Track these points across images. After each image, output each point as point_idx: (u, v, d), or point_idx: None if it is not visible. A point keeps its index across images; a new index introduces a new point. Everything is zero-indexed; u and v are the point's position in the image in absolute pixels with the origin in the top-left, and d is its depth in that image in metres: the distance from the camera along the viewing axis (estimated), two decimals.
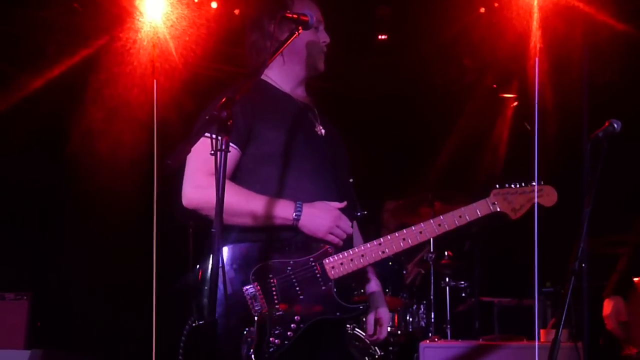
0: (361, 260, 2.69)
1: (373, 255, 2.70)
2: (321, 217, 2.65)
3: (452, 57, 5.98)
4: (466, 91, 6.04)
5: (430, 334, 5.01)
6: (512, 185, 2.84)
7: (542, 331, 4.43)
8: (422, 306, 5.13)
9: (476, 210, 2.79)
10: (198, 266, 2.63)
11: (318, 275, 2.65)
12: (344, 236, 2.70)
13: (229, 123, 2.19)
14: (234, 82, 2.92)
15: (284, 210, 2.62)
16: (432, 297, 5.06)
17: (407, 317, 5.09)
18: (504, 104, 5.87)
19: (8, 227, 5.70)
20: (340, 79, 6.01)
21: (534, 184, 2.83)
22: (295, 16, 2.62)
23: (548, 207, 2.84)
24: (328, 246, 2.68)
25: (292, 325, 2.59)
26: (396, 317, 5.03)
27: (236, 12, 5.41)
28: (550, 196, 2.83)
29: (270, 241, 2.65)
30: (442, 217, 2.76)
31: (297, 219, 2.63)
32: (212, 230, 2.22)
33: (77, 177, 5.48)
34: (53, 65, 5.20)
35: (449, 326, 5.11)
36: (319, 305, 2.63)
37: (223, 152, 2.19)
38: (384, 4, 5.89)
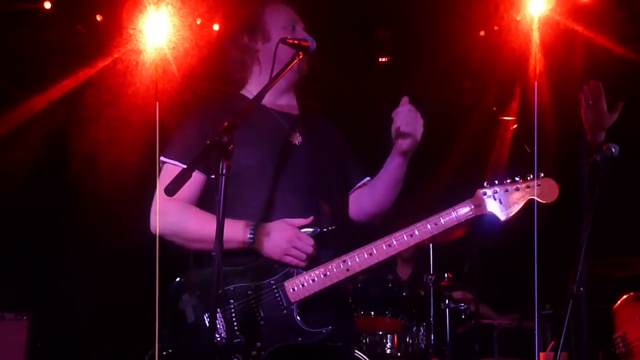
0: (324, 280, 2.50)
1: (337, 274, 2.50)
2: (276, 238, 2.51)
3: (452, 80, 6.02)
4: (466, 113, 6.07)
5: (429, 356, 5.00)
6: (505, 181, 2.55)
7: (541, 354, 4.42)
8: (421, 328, 5.12)
9: (453, 214, 2.53)
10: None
11: (279, 298, 2.51)
12: (303, 257, 2.53)
13: (229, 148, 2.19)
14: (227, 104, 2.89)
15: (239, 233, 2.51)
16: (432, 318, 5.05)
17: (407, 339, 5.07)
18: (504, 127, 5.91)
19: (9, 247, 5.70)
20: (341, 100, 6.04)
21: (530, 177, 2.54)
22: (296, 42, 2.61)
23: (547, 213, 2.56)
24: (291, 267, 2.52)
25: (252, 353, 2.46)
26: (395, 339, 5.02)
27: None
28: (549, 191, 2.53)
29: (232, 265, 2.53)
30: (414, 227, 2.54)
31: (252, 242, 2.51)
32: (213, 254, 2.21)
33: (79, 198, 5.50)
34: (56, 86, 5.23)
35: (448, 348, 5.10)
36: (280, 330, 2.48)
37: (223, 177, 2.19)
38: (385, 27, 5.93)
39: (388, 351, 4.97)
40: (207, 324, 2.46)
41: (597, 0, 4.96)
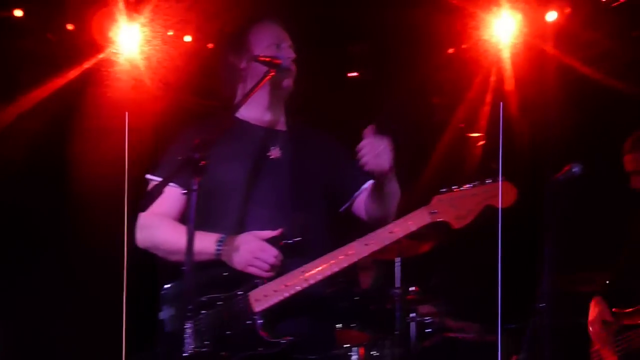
0: (285, 291, 2.56)
1: (296, 284, 2.56)
2: (240, 249, 2.58)
3: (422, 96, 6.09)
4: (436, 130, 6.13)
5: None
6: (463, 187, 2.48)
7: None
8: (387, 341, 5.15)
9: (409, 223, 2.54)
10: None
11: (244, 309, 2.58)
12: (266, 267, 2.59)
13: (201, 164, 2.24)
14: (203, 119, 2.94)
15: (208, 245, 2.60)
16: (397, 332, 5.08)
17: (373, 352, 5.11)
18: (471, 143, 5.98)
19: None
20: (312, 113, 6.08)
21: (488, 181, 2.47)
22: (267, 59, 2.67)
23: (507, 211, 2.49)
24: (257, 279, 2.60)
25: None
26: (362, 352, 5.05)
27: (209, 46, 5.47)
28: (506, 195, 2.44)
29: (209, 276, 2.61)
30: (370, 236, 2.57)
31: (219, 253, 2.60)
32: (183, 268, 2.26)
33: (49, 208, 5.47)
34: (26, 95, 5.19)
35: None
36: (244, 340, 2.55)
37: (194, 193, 2.24)
38: (356, 42, 5.99)
39: None
40: (180, 333, 2.50)
41: (564, 21, 5.07)
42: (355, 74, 6.09)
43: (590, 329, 3.91)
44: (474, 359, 5.66)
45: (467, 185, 2.51)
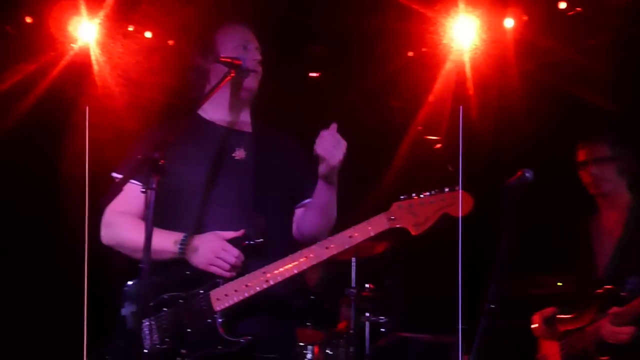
0: (245, 291, 2.62)
1: (257, 284, 2.61)
2: (202, 248, 2.63)
3: (382, 98, 6.14)
4: (395, 132, 6.20)
5: None
6: (421, 195, 2.56)
7: None
8: (342, 340, 5.20)
9: (368, 228, 2.61)
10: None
11: (205, 307, 2.62)
12: (227, 267, 2.64)
13: (160, 163, 2.26)
14: (168, 117, 2.97)
15: (170, 244, 2.64)
16: (351, 331, 5.14)
17: (328, 351, 5.15)
18: (429, 146, 6.06)
19: None
20: (276, 114, 6.09)
21: (446, 189, 2.56)
22: (228, 60, 2.71)
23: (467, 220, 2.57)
24: (219, 278, 2.65)
25: (177, 359, 2.57)
26: (316, 350, 5.09)
27: (170, 42, 5.46)
28: (463, 204, 2.54)
29: (172, 274, 2.66)
30: (331, 239, 2.65)
31: (182, 252, 2.64)
32: (140, 265, 2.28)
33: (7, 203, 5.40)
34: None
35: None
36: (203, 338, 2.60)
37: (153, 191, 2.26)
38: (318, 43, 6.03)
39: None
40: (141, 331, 2.58)
41: (522, 28, 5.16)
42: (316, 74, 6.12)
43: (536, 334, 4.00)
44: (427, 358, 5.75)
45: (426, 193, 2.60)
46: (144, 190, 2.32)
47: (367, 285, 5.37)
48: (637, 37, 4.91)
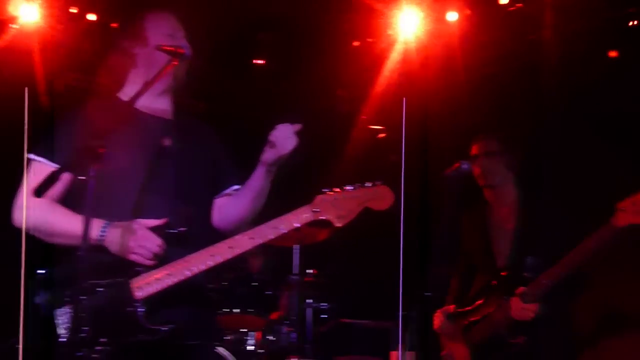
0: (167, 279, 2.61)
1: (179, 273, 2.61)
2: (123, 236, 2.60)
3: (327, 87, 6.18)
4: (340, 121, 6.24)
5: (291, 354, 5.13)
6: (344, 188, 2.64)
7: (392, 353, 4.65)
8: (284, 327, 5.25)
9: (292, 219, 2.66)
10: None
11: (125, 296, 2.61)
12: (149, 255, 2.63)
13: (99, 151, 2.25)
14: (100, 102, 2.92)
15: (92, 231, 2.58)
16: (294, 317, 5.18)
17: (270, 337, 5.19)
18: (372, 135, 6.13)
19: None
20: (219, 102, 6.08)
21: (368, 184, 2.64)
22: (171, 49, 2.70)
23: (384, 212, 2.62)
24: (140, 266, 2.63)
25: (96, 348, 2.54)
26: (258, 336, 5.12)
27: (113, 25, 5.39)
28: (383, 199, 2.62)
29: (92, 262, 2.58)
30: (255, 230, 2.67)
31: (102, 239, 2.62)
32: (79, 253, 2.26)
33: None
34: None
35: (309, 346, 5.25)
36: (124, 326, 2.58)
37: (93, 180, 2.25)
38: (265, 30, 6.02)
39: (250, 348, 5.06)
40: (57, 319, 2.57)
41: (464, 22, 5.25)
42: (261, 61, 6.12)
43: (439, 331, 4.10)
44: (368, 344, 5.84)
45: (349, 187, 2.67)
46: (83, 178, 2.30)
47: (310, 272, 5.41)
48: (574, 34, 5.04)
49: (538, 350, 3.64)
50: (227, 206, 2.93)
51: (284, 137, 2.70)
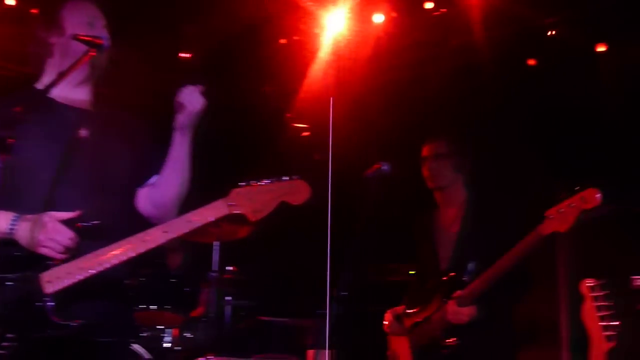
0: (78, 274, 2.53)
1: (90, 267, 2.53)
2: (33, 229, 2.52)
3: (254, 83, 6.16)
4: (266, 118, 6.23)
5: (208, 351, 5.10)
6: (260, 182, 2.59)
7: (309, 352, 4.68)
8: (201, 323, 5.21)
9: (206, 213, 2.60)
10: None
11: (34, 290, 2.52)
12: (60, 249, 2.55)
13: (8, 142, 2.18)
14: (12, 90, 2.84)
15: (1, 224, 2.52)
16: (212, 314, 5.16)
17: (187, 334, 5.15)
18: (296, 133, 6.14)
19: None
20: (143, 94, 5.98)
21: (284, 178, 2.60)
22: (88, 39, 2.63)
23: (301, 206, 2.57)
24: (50, 260, 2.55)
25: (3, 344, 2.45)
26: (175, 333, 5.08)
27: (33, 11, 5.24)
28: (300, 193, 2.58)
29: (1, 255, 2.54)
30: (169, 223, 2.62)
31: (11, 232, 2.54)
32: None
33: None
34: None
35: (226, 344, 5.23)
36: (32, 322, 2.50)
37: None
38: (191, 23, 5.96)
39: (167, 345, 5.01)
40: None
41: (390, 25, 5.32)
42: (187, 55, 6.06)
43: (387, 330, 4.16)
44: (285, 342, 5.85)
45: (265, 181, 2.63)
46: None
47: (229, 269, 5.39)
48: (495, 41, 5.17)
49: (471, 353, 3.69)
50: (153, 190, 2.87)
51: (191, 97, 2.71)
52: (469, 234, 3.87)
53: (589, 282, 3.10)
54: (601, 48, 5.28)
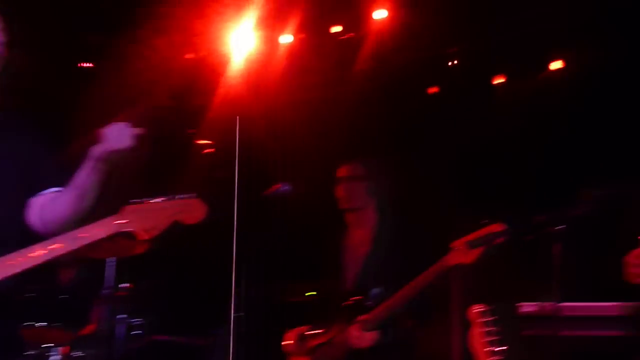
0: None
1: None
2: None
3: (155, 97, 6.06)
4: (168, 133, 6.13)
5: None
6: (153, 200, 2.52)
7: None
8: (92, 342, 5.04)
9: (95, 230, 2.52)
10: None
11: None
12: None
13: None
14: None
15: None
16: (104, 332, 5.00)
17: (77, 352, 4.97)
18: (199, 150, 6.06)
19: None
20: (44, 101, 5.80)
21: (179, 196, 2.53)
22: None
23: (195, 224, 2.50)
24: None
25: None
26: (64, 351, 4.89)
27: None
28: (194, 212, 2.51)
29: None
30: (57, 239, 2.52)
31: None
32: None
33: None
34: None
35: None
36: None
37: None
38: (96, 32, 5.83)
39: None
40: None
41: (298, 46, 5.35)
42: (89, 64, 5.93)
43: (287, 350, 4.13)
44: None
45: (158, 199, 2.55)
46: None
47: (124, 286, 5.25)
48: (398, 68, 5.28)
49: None
50: (47, 205, 2.75)
51: (118, 134, 2.55)
52: (376, 258, 3.90)
53: (478, 308, 3.17)
54: (499, 80, 5.47)
